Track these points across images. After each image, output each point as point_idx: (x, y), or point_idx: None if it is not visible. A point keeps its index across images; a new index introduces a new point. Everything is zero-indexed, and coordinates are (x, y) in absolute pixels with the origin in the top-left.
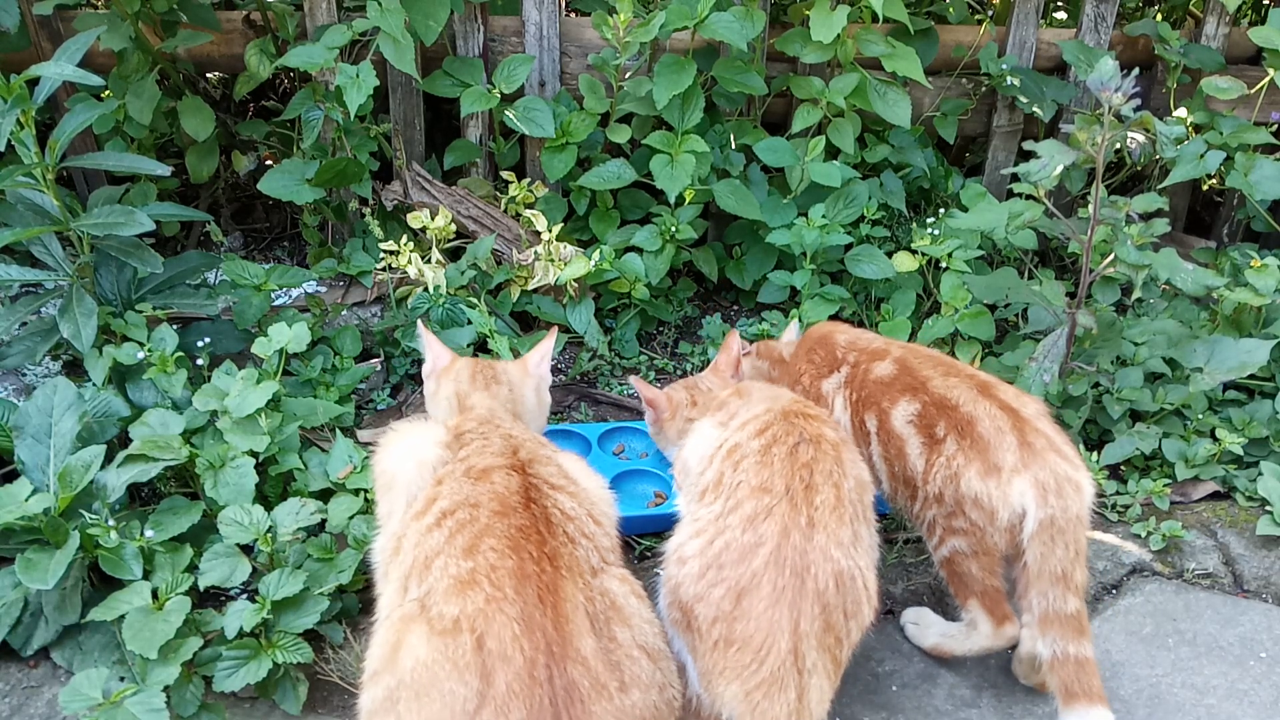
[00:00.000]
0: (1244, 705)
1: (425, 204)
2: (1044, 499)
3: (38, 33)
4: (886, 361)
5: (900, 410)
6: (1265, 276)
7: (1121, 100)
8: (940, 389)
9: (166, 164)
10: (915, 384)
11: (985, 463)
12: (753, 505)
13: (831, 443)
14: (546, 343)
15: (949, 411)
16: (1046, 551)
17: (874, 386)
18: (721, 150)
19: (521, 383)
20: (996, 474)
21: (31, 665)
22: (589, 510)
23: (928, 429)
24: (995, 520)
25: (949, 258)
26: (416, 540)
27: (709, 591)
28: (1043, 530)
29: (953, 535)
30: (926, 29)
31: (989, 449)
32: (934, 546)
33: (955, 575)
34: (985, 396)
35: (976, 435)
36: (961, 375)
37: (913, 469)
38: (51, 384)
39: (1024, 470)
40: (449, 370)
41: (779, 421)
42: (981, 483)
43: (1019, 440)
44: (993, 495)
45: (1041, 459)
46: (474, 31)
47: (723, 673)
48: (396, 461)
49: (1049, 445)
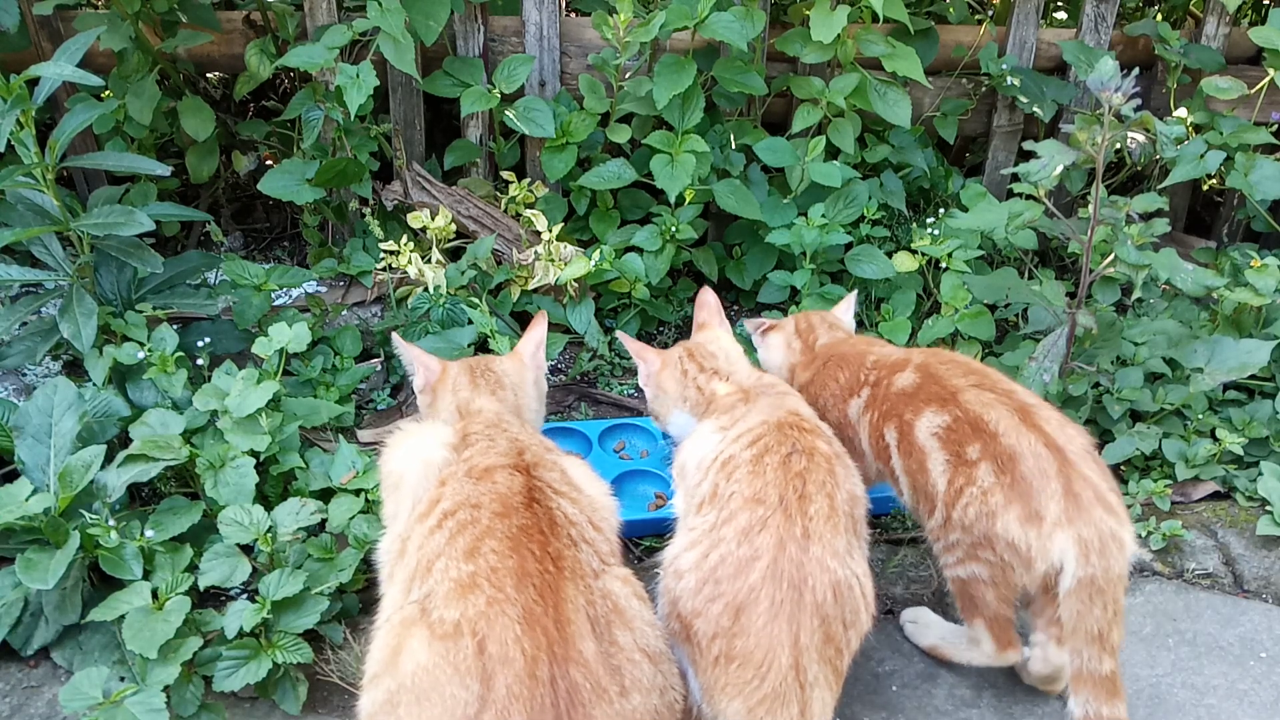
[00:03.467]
0: (1244, 705)
1: (425, 204)
2: (1086, 558)
3: (38, 33)
4: (908, 371)
5: (925, 421)
6: (1265, 276)
7: (1121, 100)
8: (975, 406)
9: (166, 164)
10: (944, 394)
11: (1027, 508)
12: (747, 517)
13: (825, 455)
14: (539, 329)
15: (987, 438)
16: (1084, 610)
17: (895, 399)
18: (721, 150)
19: (521, 378)
20: (1038, 523)
21: (31, 665)
22: (590, 516)
23: (956, 446)
24: (1031, 569)
25: (949, 258)
26: (420, 543)
27: (707, 607)
28: (1081, 588)
29: (975, 562)
30: (926, 29)
31: (1032, 494)
32: (949, 565)
33: (967, 596)
34: (1029, 427)
35: (1019, 475)
36: (998, 390)
37: (934, 485)
38: (52, 384)
39: (1068, 525)
40: (444, 381)
41: (772, 432)
42: (1021, 529)
43: (1064, 488)
44: (1032, 545)
45: (1087, 514)
46: (474, 31)
47: (724, 689)
48: (404, 461)
49: (1095, 497)
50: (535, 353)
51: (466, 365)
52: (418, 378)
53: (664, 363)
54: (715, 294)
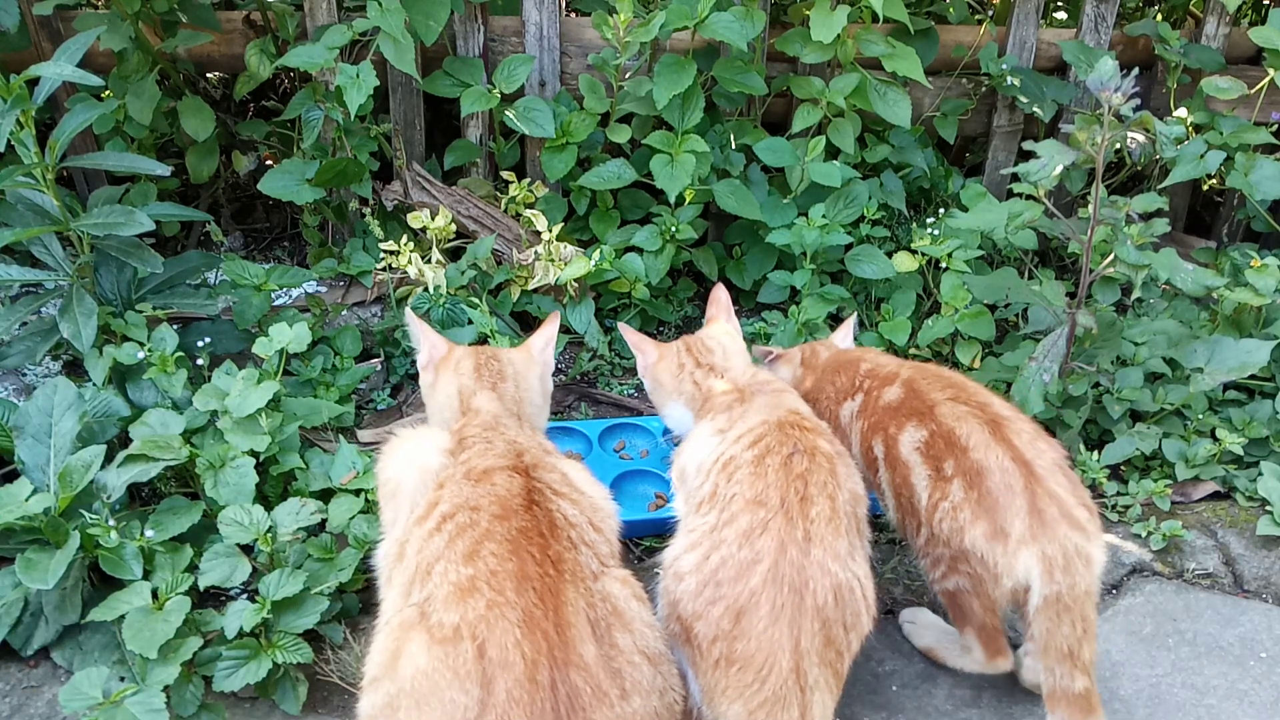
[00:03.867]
0: (1244, 705)
1: (425, 204)
2: (1050, 575)
3: (38, 33)
4: (895, 385)
5: (907, 436)
6: (1265, 276)
7: (1121, 100)
8: (949, 420)
9: (166, 164)
10: (922, 409)
11: (992, 524)
12: (748, 520)
13: (826, 454)
14: (550, 327)
15: (958, 453)
16: (1052, 627)
17: (882, 412)
18: (721, 150)
19: (527, 372)
20: (1003, 539)
21: (31, 665)
22: (591, 517)
23: (935, 462)
24: (999, 583)
25: (949, 258)
26: (419, 546)
27: (707, 610)
28: (1048, 606)
29: (956, 574)
30: (926, 29)
31: (997, 509)
32: (936, 578)
33: (956, 606)
34: (998, 441)
35: (985, 490)
36: (971, 403)
37: (919, 500)
38: (51, 384)
39: (1032, 542)
40: (448, 361)
41: (773, 432)
42: (987, 544)
43: (1029, 505)
44: (998, 561)
45: (1051, 531)
46: (474, 31)
47: (725, 692)
48: (400, 468)
49: (1061, 513)
50: (544, 349)
51: (473, 351)
52: (421, 354)
53: (661, 355)
54: (726, 291)
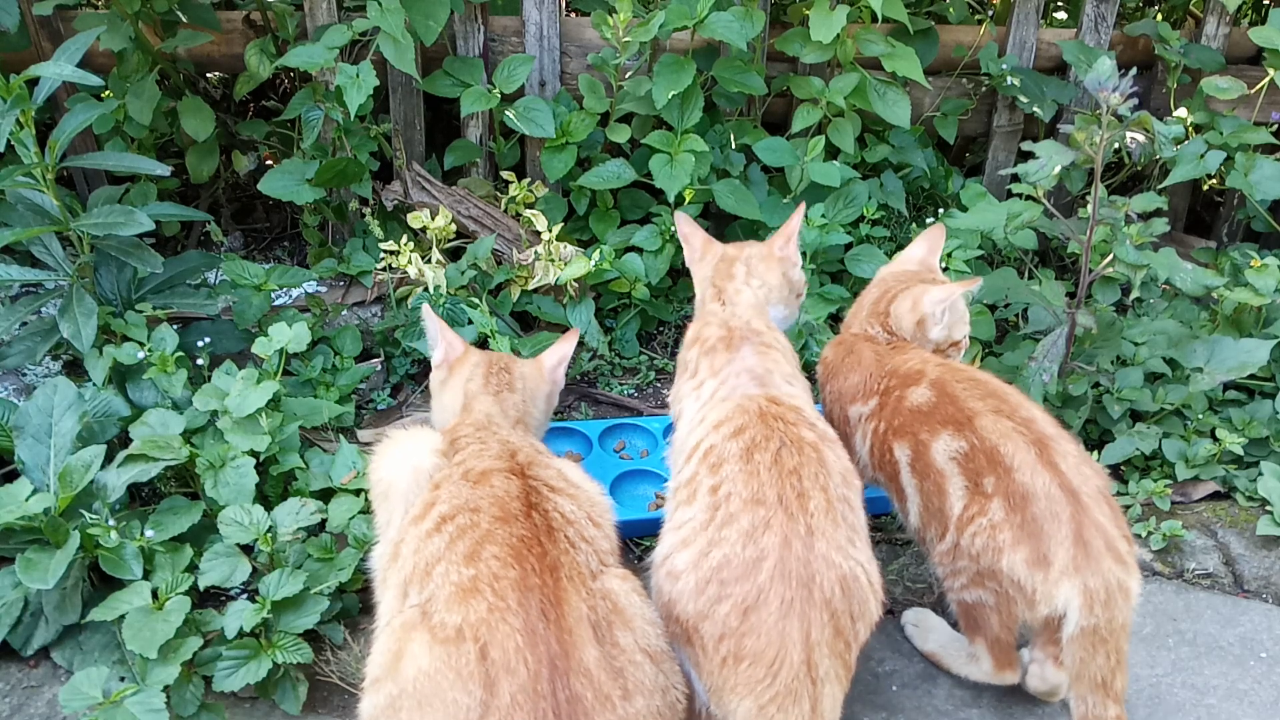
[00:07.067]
0: (1244, 705)
1: (425, 204)
2: (1090, 609)
3: (38, 33)
4: (922, 386)
5: (942, 444)
6: (1265, 276)
7: (1119, 100)
8: (992, 437)
9: (166, 164)
10: (960, 418)
11: (1035, 551)
12: (749, 519)
13: (811, 444)
14: (566, 345)
15: (1001, 473)
16: (1087, 658)
17: (909, 415)
18: (721, 150)
19: (536, 387)
20: (1045, 567)
21: (31, 665)
22: (589, 513)
23: (974, 476)
24: (1034, 609)
25: (949, 258)
26: (415, 546)
27: (713, 609)
28: (1084, 636)
29: (980, 589)
30: (926, 29)
31: (1041, 536)
32: (955, 587)
33: (970, 617)
34: (1044, 465)
35: (1030, 516)
36: (1016, 419)
37: (950, 509)
38: (51, 384)
39: (1075, 574)
40: (462, 362)
41: (756, 424)
42: (1027, 571)
43: (1074, 534)
44: (1037, 589)
45: (1095, 564)
46: (474, 31)
47: (734, 689)
48: (393, 469)
49: (1105, 545)
50: (556, 367)
51: (487, 357)
52: (438, 351)
53: (702, 254)
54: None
